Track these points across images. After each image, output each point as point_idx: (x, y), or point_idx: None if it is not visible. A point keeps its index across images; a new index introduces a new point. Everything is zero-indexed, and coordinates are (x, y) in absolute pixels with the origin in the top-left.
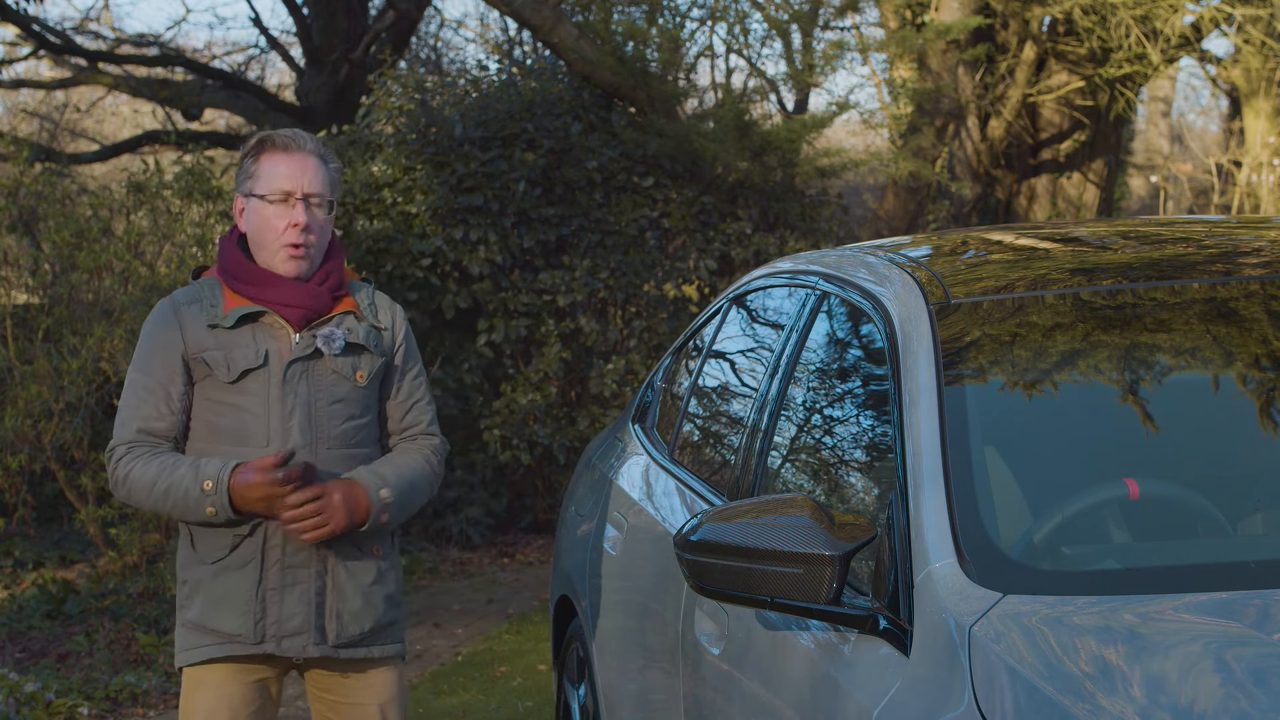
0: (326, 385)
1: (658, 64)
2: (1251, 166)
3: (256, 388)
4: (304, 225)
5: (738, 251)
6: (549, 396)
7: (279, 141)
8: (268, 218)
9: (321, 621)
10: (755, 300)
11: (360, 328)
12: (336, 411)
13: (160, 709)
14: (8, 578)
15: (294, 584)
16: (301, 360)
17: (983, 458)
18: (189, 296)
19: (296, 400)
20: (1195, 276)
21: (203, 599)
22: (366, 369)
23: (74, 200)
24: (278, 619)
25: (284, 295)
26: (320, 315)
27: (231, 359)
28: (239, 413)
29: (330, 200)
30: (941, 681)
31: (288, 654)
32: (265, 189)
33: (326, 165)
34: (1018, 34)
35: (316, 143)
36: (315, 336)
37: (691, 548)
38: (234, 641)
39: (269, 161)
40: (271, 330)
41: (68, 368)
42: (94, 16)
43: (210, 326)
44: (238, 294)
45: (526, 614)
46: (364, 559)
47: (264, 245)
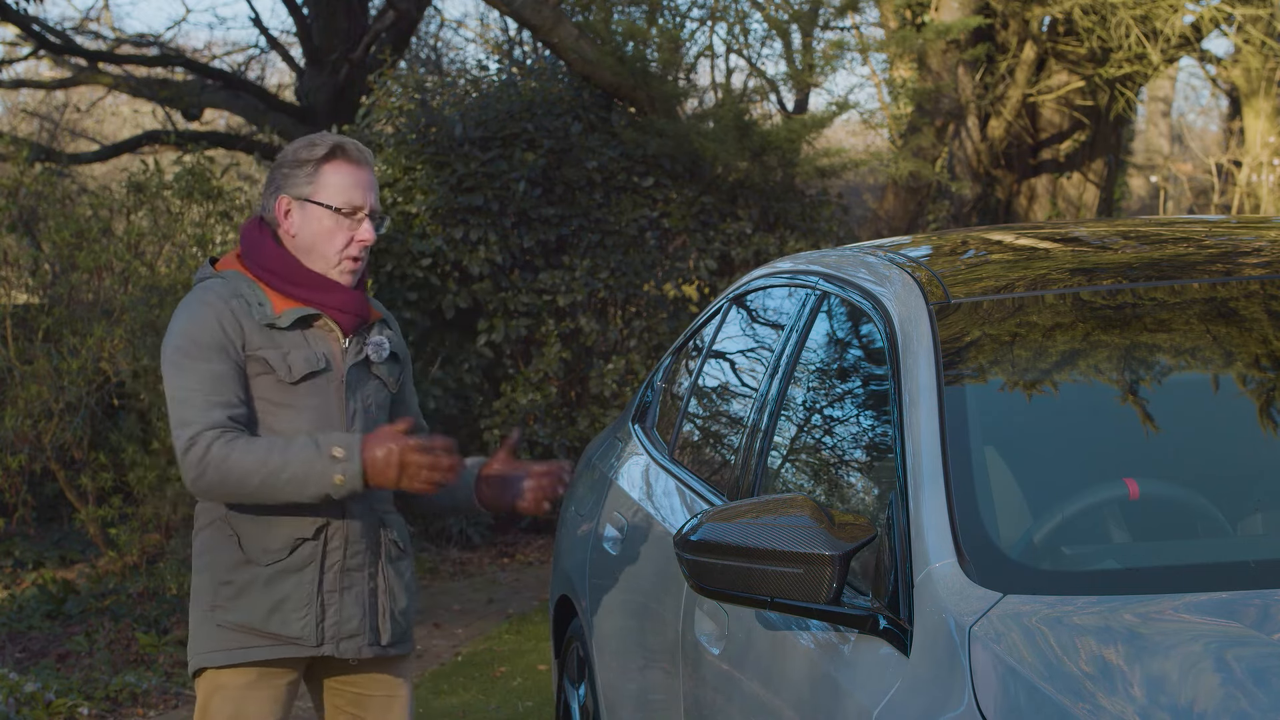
0: (372, 391)
1: (658, 64)
2: (1251, 166)
3: (318, 391)
4: (370, 242)
5: (738, 251)
6: (549, 396)
7: (351, 153)
8: (330, 228)
9: (375, 621)
10: (755, 300)
11: (395, 336)
12: (379, 417)
13: (160, 709)
14: (8, 578)
15: (350, 586)
16: (356, 367)
17: (983, 458)
18: (230, 290)
19: (357, 405)
20: (1195, 276)
21: (254, 601)
22: (397, 376)
23: (74, 200)
24: (337, 621)
25: (340, 301)
26: (365, 322)
27: (291, 360)
28: (297, 415)
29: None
30: (941, 681)
31: (345, 655)
32: (334, 199)
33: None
34: (1018, 34)
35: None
36: (365, 344)
37: (691, 548)
38: (292, 644)
39: (337, 171)
40: (323, 334)
41: (68, 368)
42: (94, 16)
43: (266, 325)
44: (285, 295)
45: (526, 614)
46: (403, 558)
47: (319, 253)
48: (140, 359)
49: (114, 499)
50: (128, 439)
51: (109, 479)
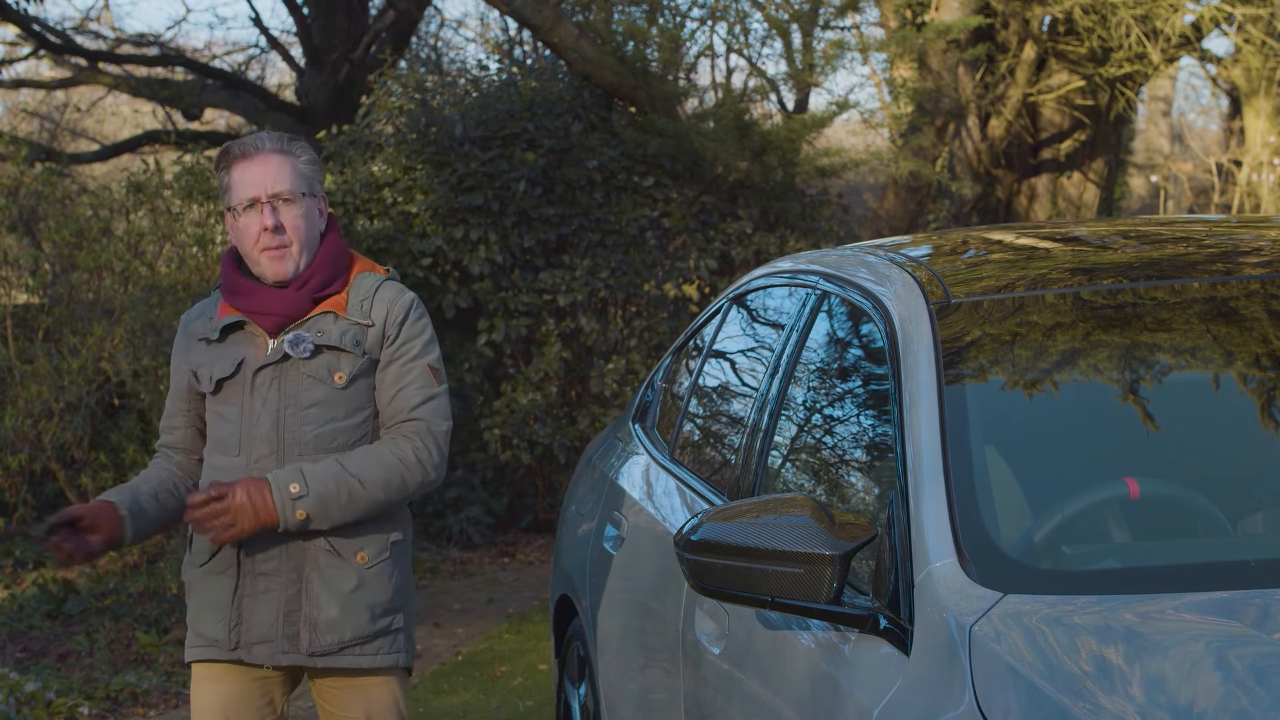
0: (301, 390)
1: (658, 64)
2: (1251, 166)
3: (232, 396)
4: (273, 226)
5: (738, 251)
6: (549, 396)
7: (238, 150)
8: (243, 227)
9: (294, 630)
10: (755, 300)
11: (336, 328)
12: (311, 416)
13: (160, 709)
14: (8, 578)
15: (265, 591)
16: (272, 366)
17: (983, 457)
18: (200, 310)
19: (265, 407)
20: (1195, 276)
21: (193, 602)
22: (347, 370)
23: (74, 200)
24: (248, 626)
25: (260, 303)
26: (294, 319)
27: (212, 370)
28: (222, 421)
29: (303, 193)
30: (942, 681)
31: (257, 661)
32: (235, 200)
33: (294, 159)
34: (1018, 34)
35: (278, 139)
36: (284, 342)
37: (692, 547)
38: (214, 645)
39: (235, 171)
40: (250, 338)
41: (68, 368)
42: (94, 16)
43: (203, 340)
44: (229, 305)
45: (526, 614)
46: (343, 566)
47: (248, 255)
48: (140, 359)
49: None
50: (128, 439)
51: (109, 479)
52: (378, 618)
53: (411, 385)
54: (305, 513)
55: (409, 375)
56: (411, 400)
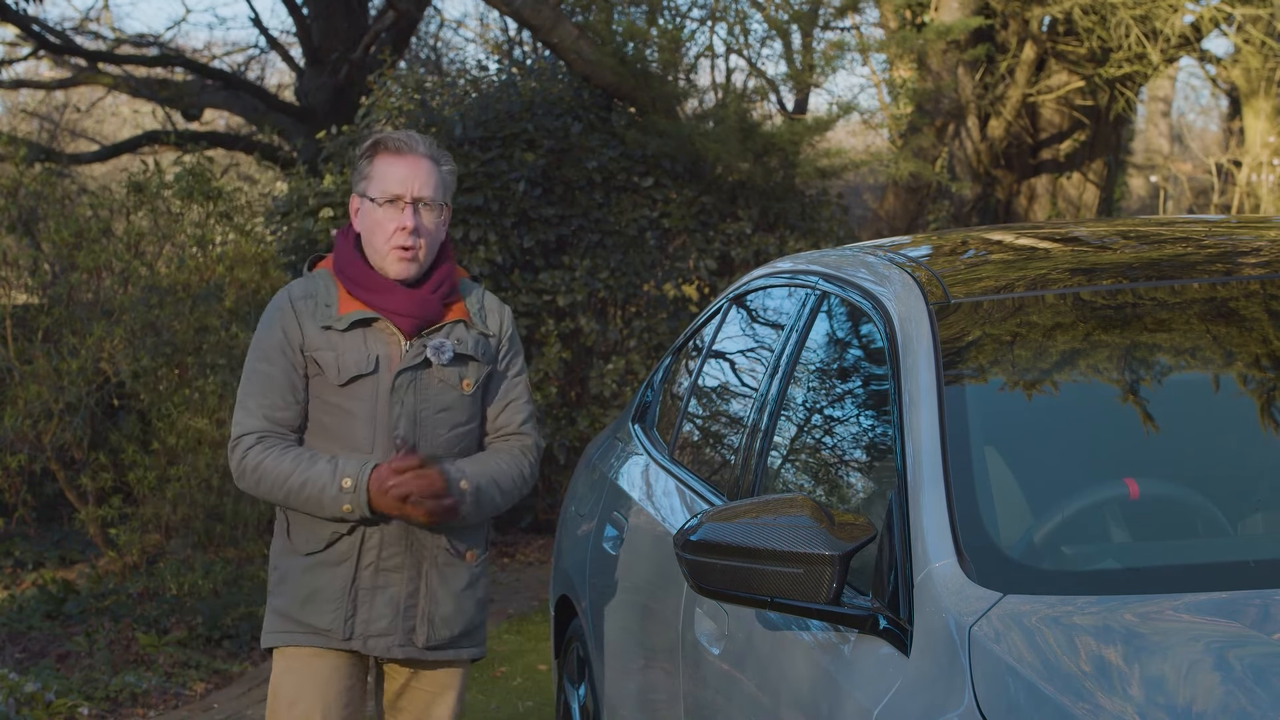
0: (433, 394)
1: (658, 64)
2: (1251, 166)
3: (364, 393)
4: (412, 229)
5: (738, 251)
6: (549, 396)
7: (392, 144)
8: (378, 220)
9: (411, 624)
10: (755, 300)
11: (469, 336)
12: (442, 420)
13: (160, 709)
14: (8, 578)
15: (385, 586)
16: (410, 369)
17: (983, 458)
18: (304, 291)
19: (403, 409)
20: (1195, 276)
21: (293, 590)
22: (473, 377)
23: (74, 200)
24: (366, 619)
25: (397, 303)
26: (431, 324)
27: (343, 362)
28: (346, 416)
29: (441, 203)
30: (942, 681)
31: (372, 653)
32: (376, 191)
33: (439, 168)
34: (1018, 34)
35: (430, 145)
36: (425, 346)
37: (692, 548)
38: (322, 635)
39: (382, 163)
40: (383, 336)
41: (68, 368)
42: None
43: (324, 327)
44: (353, 296)
45: (526, 614)
46: (458, 564)
47: (374, 246)
48: (140, 359)
49: (114, 499)
50: (128, 439)
51: (109, 479)
52: (479, 611)
53: (520, 399)
54: (465, 508)
55: (516, 389)
56: (521, 414)
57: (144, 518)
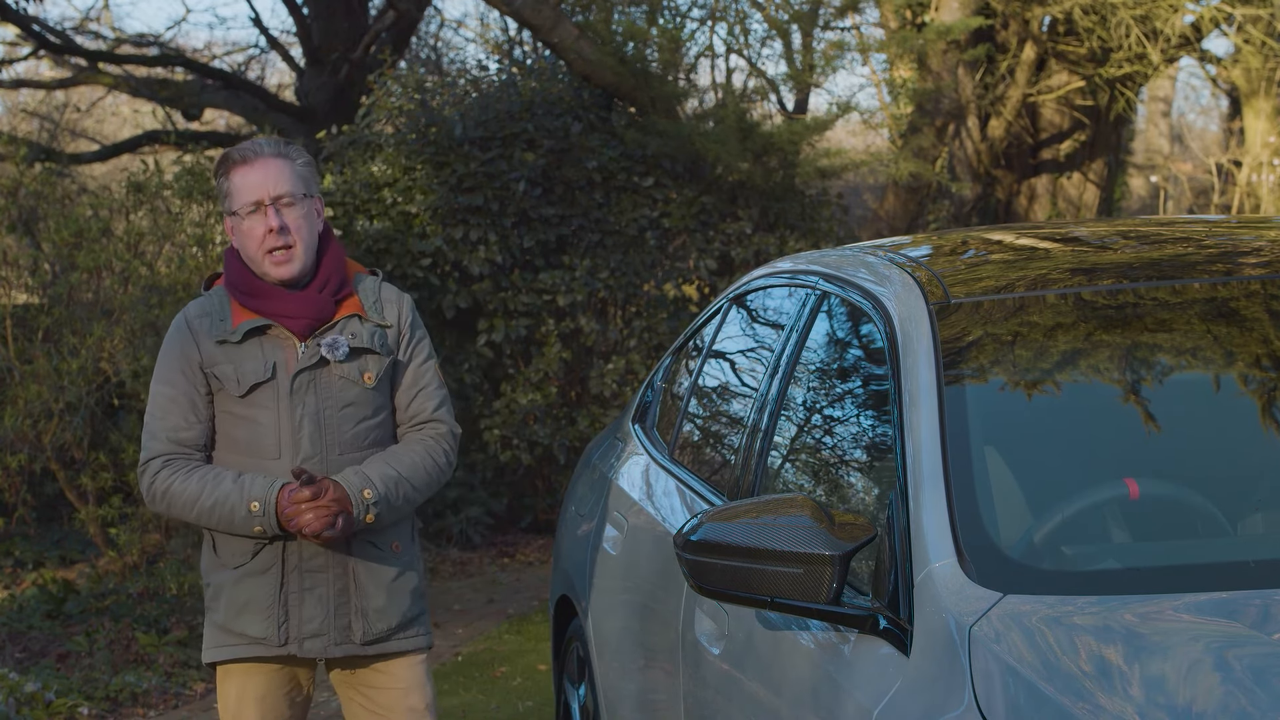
0: (335, 391)
1: (658, 64)
2: (1251, 166)
3: (266, 400)
4: (278, 228)
5: (738, 251)
6: (549, 396)
7: (238, 155)
8: (247, 230)
9: (345, 621)
10: (755, 300)
11: (364, 329)
12: (347, 416)
13: (160, 709)
14: (8, 578)
15: (312, 587)
16: (308, 370)
17: (983, 458)
18: (200, 310)
19: (304, 410)
20: (1195, 276)
21: (227, 603)
22: (374, 370)
23: (74, 200)
24: (299, 621)
25: (287, 307)
26: (323, 322)
27: (241, 373)
28: (251, 425)
29: (304, 195)
30: (942, 681)
31: (310, 655)
32: (237, 204)
33: (292, 162)
34: (1018, 34)
35: (276, 144)
36: (320, 345)
37: (692, 548)
38: (259, 644)
39: (236, 176)
40: (279, 342)
41: (68, 368)
42: (94, 16)
43: (219, 342)
44: (245, 308)
45: (526, 614)
46: (384, 556)
47: (253, 258)
48: (140, 359)
49: (114, 499)
50: (128, 439)
51: (109, 479)
52: (415, 601)
53: (429, 386)
54: (374, 516)
55: (425, 377)
56: (432, 401)
57: (144, 517)
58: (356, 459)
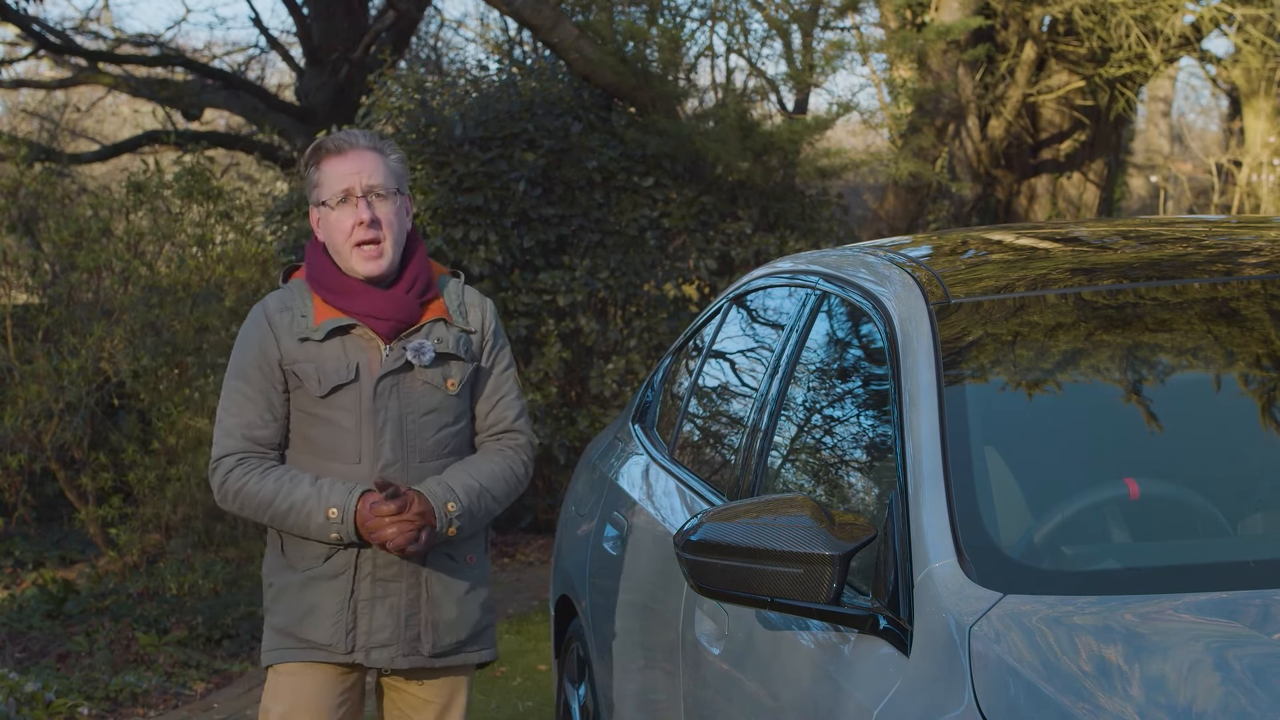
0: (418, 397)
1: (658, 64)
2: (1251, 166)
3: (348, 402)
4: (369, 220)
5: (738, 251)
6: (549, 396)
7: (331, 145)
8: (335, 222)
9: (414, 633)
10: (755, 300)
11: (450, 334)
12: (429, 422)
13: (160, 709)
14: (8, 578)
15: (384, 596)
16: (392, 374)
17: (983, 458)
18: (280, 303)
19: (388, 415)
20: (1195, 276)
21: (291, 606)
22: (458, 376)
23: (74, 200)
24: (367, 630)
25: (373, 306)
26: (409, 325)
27: (323, 372)
28: (331, 426)
29: (396, 190)
30: (942, 681)
31: (376, 665)
32: (328, 194)
33: (385, 156)
34: (1018, 34)
35: (371, 137)
36: (405, 349)
37: (692, 548)
38: (323, 649)
39: (328, 166)
40: (362, 343)
41: (68, 368)
42: (94, 16)
43: (301, 339)
44: (328, 304)
45: (526, 614)
46: (459, 569)
47: (339, 251)
48: (140, 359)
49: (114, 499)
50: (128, 439)
51: (109, 479)
52: (484, 614)
53: (509, 395)
54: (457, 529)
55: (505, 385)
56: (512, 411)
57: (144, 517)
58: (436, 467)
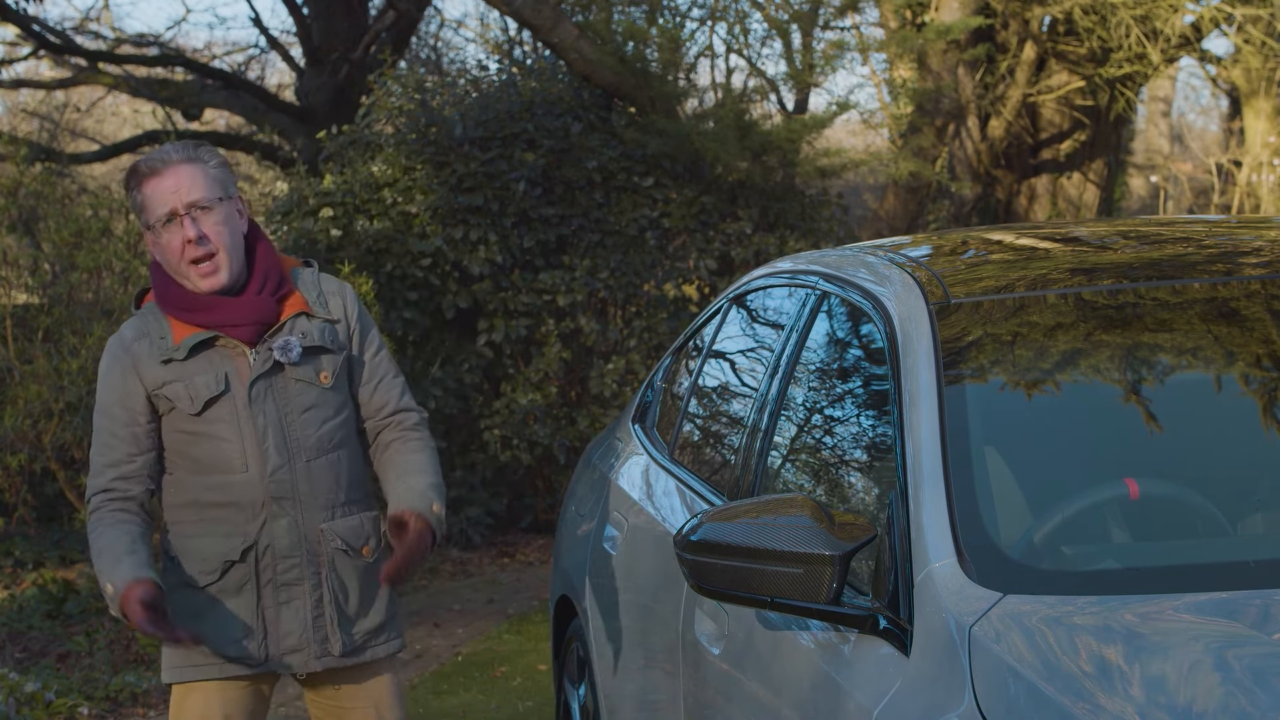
0: (294, 396)
1: (658, 64)
2: (1251, 166)
3: (224, 414)
4: (196, 236)
5: (738, 251)
6: (549, 396)
7: (145, 167)
8: (166, 243)
9: (322, 634)
10: (755, 300)
11: (314, 327)
12: (310, 419)
13: (160, 709)
14: (8, 578)
15: (288, 601)
16: (263, 377)
17: (983, 458)
18: (136, 332)
19: (267, 419)
20: (1195, 276)
21: (198, 622)
22: (330, 368)
23: (74, 200)
24: (276, 637)
25: (228, 315)
26: (270, 325)
27: (193, 389)
28: (212, 441)
29: (220, 198)
30: (942, 681)
31: (290, 670)
32: (152, 217)
33: (204, 165)
34: (1018, 34)
35: (186, 148)
36: (272, 350)
37: (692, 548)
38: (236, 663)
39: (147, 188)
40: (227, 353)
41: (68, 368)
42: (94, 16)
43: (164, 361)
44: (184, 322)
45: (526, 614)
46: (355, 562)
47: (177, 270)
48: None
49: None
50: None
51: None
52: (387, 606)
53: (388, 375)
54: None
55: (381, 367)
56: (394, 391)
57: None
58: (325, 463)
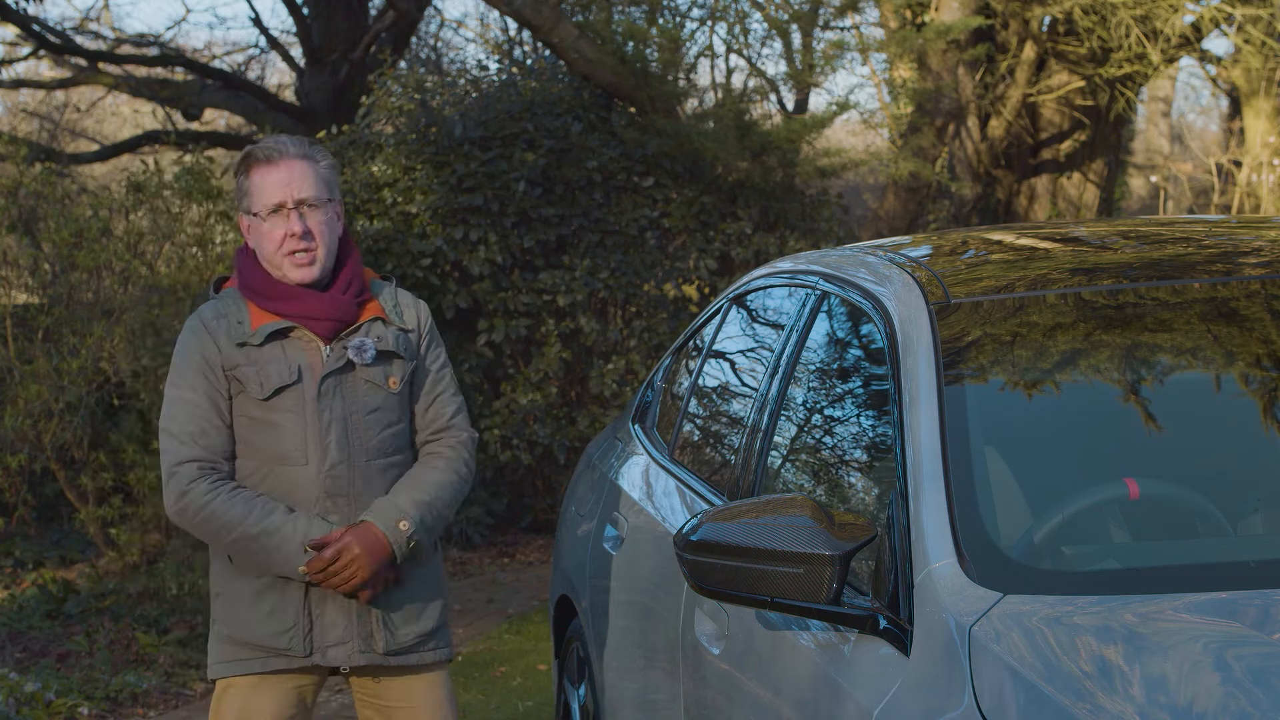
0: (361, 396)
1: (658, 64)
2: (1251, 166)
3: (291, 404)
4: (301, 232)
5: (738, 251)
6: (549, 396)
7: (261, 154)
8: (265, 232)
9: (367, 630)
10: (755, 300)
11: (389, 333)
12: (373, 421)
13: (160, 709)
14: (8, 578)
15: (335, 595)
16: (335, 374)
17: (983, 458)
18: (215, 312)
19: (333, 415)
20: (1195, 276)
21: (244, 613)
22: (399, 375)
23: (74, 200)
24: (321, 629)
25: (310, 308)
26: (348, 325)
27: (264, 375)
28: (275, 430)
29: (326, 199)
30: (942, 681)
31: (333, 664)
32: (258, 205)
33: (316, 164)
34: (1018, 34)
35: (301, 144)
36: (346, 348)
37: (692, 548)
38: (282, 655)
39: (258, 175)
40: (301, 345)
41: (68, 368)
42: (94, 16)
43: (240, 344)
44: (263, 310)
45: (526, 614)
46: (407, 565)
47: (270, 260)
48: (140, 359)
49: (114, 499)
50: (128, 439)
51: (109, 479)
52: (438, 612)
53: (446, 393)
54: (414, 543)
55: (442, 383)
56: (449, 409)
57: (144, 517)
58: (383, 466)
